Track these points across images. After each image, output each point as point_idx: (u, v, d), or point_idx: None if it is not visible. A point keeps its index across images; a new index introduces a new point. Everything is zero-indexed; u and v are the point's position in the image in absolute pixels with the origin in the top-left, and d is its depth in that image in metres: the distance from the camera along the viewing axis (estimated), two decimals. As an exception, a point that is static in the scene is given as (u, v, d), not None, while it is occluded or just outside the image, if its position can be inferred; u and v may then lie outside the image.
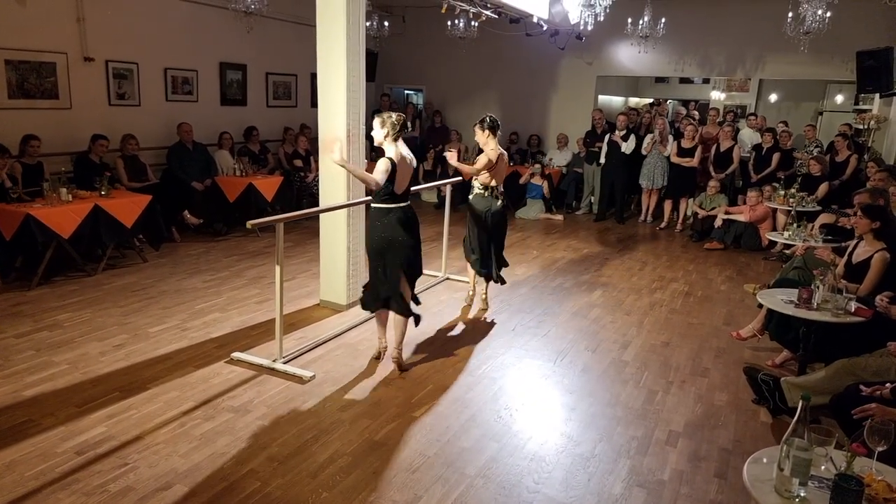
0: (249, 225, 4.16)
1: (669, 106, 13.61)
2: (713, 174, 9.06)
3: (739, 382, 4.20)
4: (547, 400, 3.97)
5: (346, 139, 5.06)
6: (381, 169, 3.92)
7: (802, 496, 2.02)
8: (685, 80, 14.43)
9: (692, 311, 5.79)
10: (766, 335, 4.76)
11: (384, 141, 4.02)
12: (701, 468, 3.27)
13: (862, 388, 2.90)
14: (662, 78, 14.41)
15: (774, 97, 13.66)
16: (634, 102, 14.81)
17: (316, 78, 5.28)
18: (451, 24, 9.54)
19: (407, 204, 4.14)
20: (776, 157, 8.86)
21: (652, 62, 10.48)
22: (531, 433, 3.53)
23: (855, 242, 4.57)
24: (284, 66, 10.01)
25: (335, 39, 5.02)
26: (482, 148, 5.18)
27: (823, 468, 2.11)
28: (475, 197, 5.28)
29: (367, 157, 5.70)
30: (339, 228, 5.31)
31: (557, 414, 3.79)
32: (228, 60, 9.06)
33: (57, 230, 5.62)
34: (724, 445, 3.50)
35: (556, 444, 3.43)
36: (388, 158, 3.96)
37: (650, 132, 9.55)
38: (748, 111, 11.66)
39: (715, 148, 9.19)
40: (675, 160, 9.16)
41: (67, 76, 7.07)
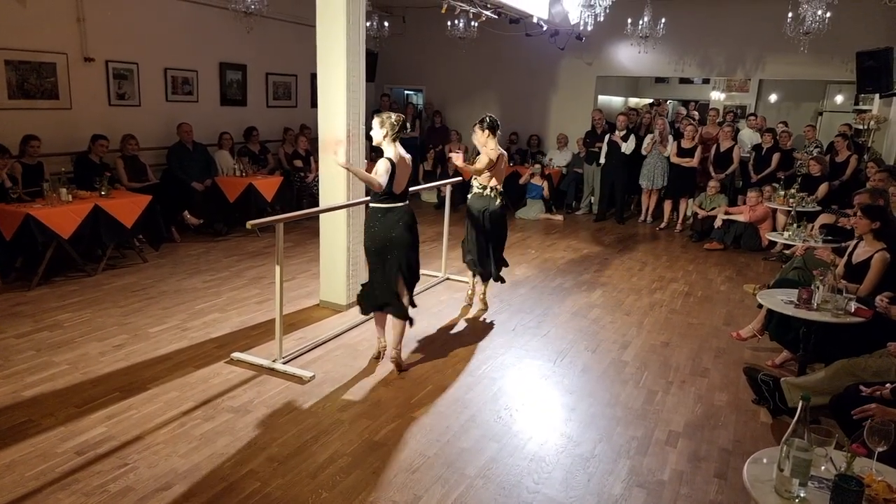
0: (249, 225, 4.16)
1: (669, 106, 13.61)
2: (713, 174, 9.05)
3: (739, 383, 4.20)
4: (547, 400, 3.97)
5: (345, 139, 5.07)
6: (381, 170, 3.92)
7: (802, 497, 2.02)
8: (685, 80, 14.44)
9: (692, 311, 5.79)
10: (765, 335, 4.76)
11: (383, 141, 4.02)
12: (701, 468, 3.27)
13: (862, 388, 2.90)
14: (662, 78, 14.42)
15: (774, 97, 13.67)
16: (634, 103, 14.81)
17: (316, 78, 5.28)
18: (450, 24, 9.54)
19: (405, 203, 4.14)
20: (776, 157, 8.87)
21: (652, 62, 10.49)
22: (531, 433, 3.53)
23: (855, 243, 4.56)
24: (284, 66, 10.01)
25: (335, 40, 5.02)
26: (479, 149, 5.17)
27: (823, 469, 2.11)
28: (473, 196, 5.29)
29: (367, 157, 5.70)
30: (339, 228, 5.32)
31: (557, 414, 3.79)
32: (228, 60, 9.06)
33: (57, 230, 5.62)
34: (723, 446, 3.50)
35: (555, 444, 3.43)
36: (387, 159, 3.96)
37: (650, 132, 9.55)
38: (748, 111, 11.68)
39: (715, 148, 9.20)
40: (674, 160, 9.16)
41: (67, 76, 7.07)
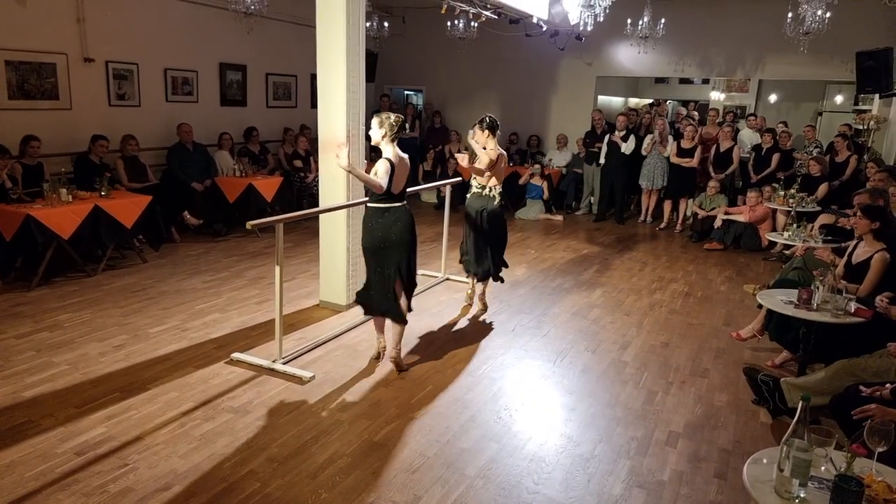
0: (249, 225, 4.16)
1: (669, 106, 13.62)
2: (713, 175, 9.05)
3: (739, 383, 4.20)
4: (547, 400, 3.97)
5: (345, 140, 5.07)
6: (382, 172, 3.92)
7: (802, 497, 2.02)
8: (685, 80, 14.45)
9: (692, 311, 5.79)
10: (765, 336, 4.76)
11: (381, 141, 4.03)
12: (701, 469, 3.27)
13: (862, 388, 2.90)
14: (662, 78, 14.42)
15: (774, 98, 13.67)
16: (634, 103, 14.81)
17: (316, 78, 5.29)
18: (450, 24, 9.55)
19: (403, 203, 4.14)
20: (776, 157, 8.87)
21: (651, 63, 10.49)
22: (531, 434, 3.53)
23: (855, 243, 4.56)
24: (284, 66, 10.02)
25: (335, 40, 5.03)
26: (474, 148, 5.16)
27: (823, 469, 2.11)
28: (472, 196, 5.29)
29: (366, 157, 5.70)
30: (338, 229, 5.32)
31: (557, 414, 3.79)
32: (228, 61, 9.07)
33: (57, 231, 5.62)
34: (723, 446, 3.50)
35: (555, 444, 3.43)
36: (386, 160, 3.96)
37: (650, 133, 9.55)
38: (748, 112, 11.67)
39: (714, 148, 9.20)
40: (674, 160, 9.16)
41: (67, 77, 7.07)
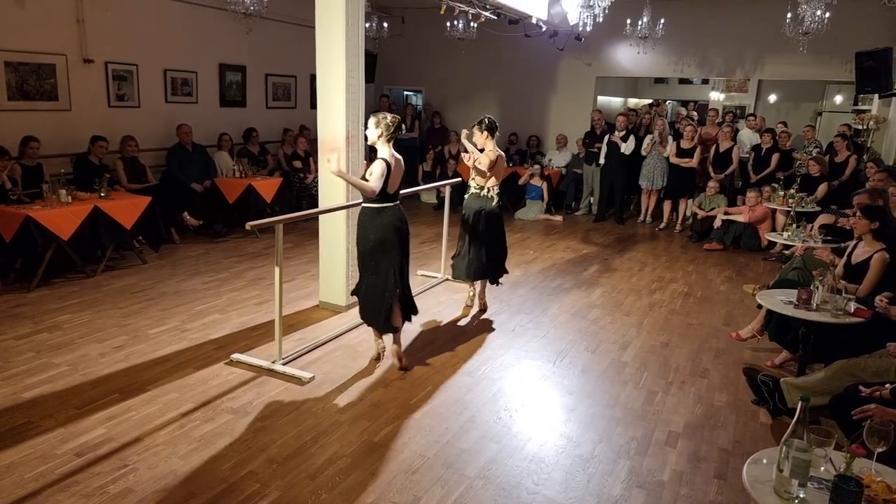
0: (249, 226, 4.16)
1: (669, 107, 13.63)
2: (712, 175, 9.05)
3: (739, 383, 4.20)
4: (546, 401, 3.97)
5: (345, 141, 5.07)
6: (377, 174, 3.92)
7: (802, 497, 2.02)
8: (684, 80, 14.46)
9: (692, 311, 5.79)
10: (765, 336, 4.76)
11: (377, 141, 4.04)
12: (700, 469, 3.27)
13: (861, 388, 2.90)
14: (661, 79, 14.43)
15: (773, 98, 13.69)
16: (634, 103, 14.82)
17: (315, 79, 5.29)
18: (450, 25, 9.55)
19: (396, 204, 4.15)
20: (775, 157, 8.87)
21: (651, 63, 10.49)
22: (531, 434, 3.53)
23: (854, 243, 4.56)
24: (284, 67, 10.02)
25: (334, 41, 5.03)
26: (468, 148, 5.16)
27: (823, 469, 2.12)
28: (470, 197, 5.29)
29: (365, 158, 5.70)
30: (338, 229, 5.32)
31: (557, 415, 3.79)
32: (228, 62, 9.06)
33: (56, 232, 5.62)
34: (723, 446, 3.50)
35: (555, 445, 3.43)
36: (382, 160, 3.96)
37: (650, 133, 9.55)
38: (747, 112, 11.68)
39: (714, 148, 9.20)
40: (674, 161, 9.16)
41: (67, 78, 7.07)
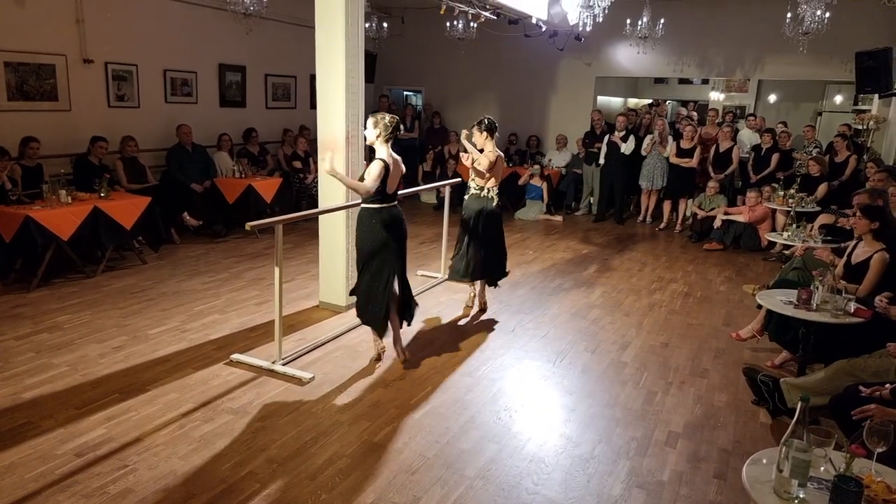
0: (248, 226, 4.15)
1: (669, 107, 13.62)
2: (712, 175, 9.05)
3: (739, 383, 4.20)
4: (546, 401, 3.97)
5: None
6: (374, 174, 3.93)
7: (802, 497, 2.02)
8: (684, 80, 14.46)
9: (691, 311, 5.79)
10: (765, 336, 4.76)
11: (376, 141, 4.05)
12: (700, 469, 3.27)
13: (861, 388, 2.90)
14: (661, 79, 14.44)
15: (773, 98, 13.69)
16: (633, 103, 14.83)
17: (315, 79, 5.29)
18: (450, 25, 9.55)
19: (395, 204, 4.17)
20: (775, 157, 8.87)
21: (651, 63, 10.49)
22: (530, 434, 3.53)
23: (854, 243, 4.56)
24: (283, 67, 10.02)
25: (334, 41, 5.03)
26: (468, 148, 5.16)
27: (823, 469, 2.12)
28: (470, 197, 5.29)
29: (365, 158, 5.70)
30: (338, 230, 5.31)
31: (557, 415, 3.79)
32: (228, 62, 9.06)
33: (56, 232, 5.62)
34: (723, 446, 3.50)
35: (555, 445, 3.43)
36: (380, 160, 3.97)
37: (649, 133, 9.55)
38: (747, 112, 11.70)
39: (714, 148, 9.20)
40: (674, 161, 9.16)
41: (67, 78, 7.07)
